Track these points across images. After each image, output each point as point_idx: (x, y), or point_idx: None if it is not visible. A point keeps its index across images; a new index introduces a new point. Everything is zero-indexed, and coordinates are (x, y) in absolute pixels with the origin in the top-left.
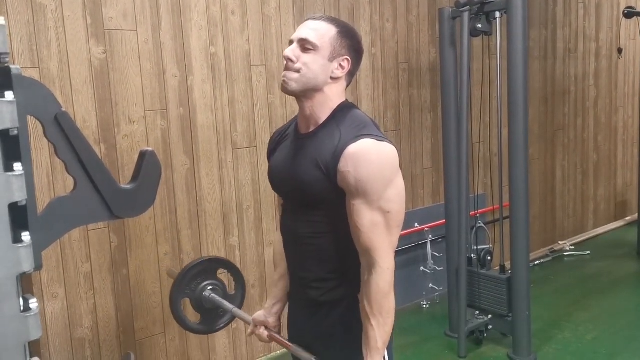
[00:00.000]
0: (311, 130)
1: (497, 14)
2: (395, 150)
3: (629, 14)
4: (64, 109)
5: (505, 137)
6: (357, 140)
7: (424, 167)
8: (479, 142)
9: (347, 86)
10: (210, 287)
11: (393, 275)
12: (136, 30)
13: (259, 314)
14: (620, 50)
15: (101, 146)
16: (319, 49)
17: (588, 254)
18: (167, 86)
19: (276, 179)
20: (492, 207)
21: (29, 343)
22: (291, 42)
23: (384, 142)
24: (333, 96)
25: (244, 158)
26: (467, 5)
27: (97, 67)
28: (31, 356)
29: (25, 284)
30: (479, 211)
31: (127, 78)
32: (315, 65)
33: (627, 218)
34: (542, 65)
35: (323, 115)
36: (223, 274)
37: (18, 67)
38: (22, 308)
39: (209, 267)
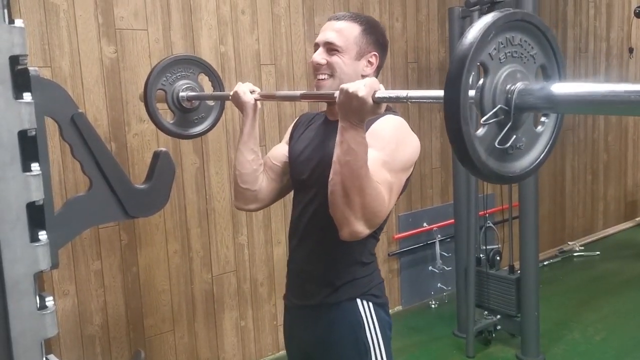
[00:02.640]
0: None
1: None
2: (419, 142)
3: None
4: (80, 110)
5: None
6: (392, 113)
7: (432, 167)
8: None
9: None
10: (186, 86)
11: (387, 204)
12: (147, 30)
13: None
14: (631, 50)
15: (112, 145)
16: (345, 51)
17: (598, 254)
18: None
19: (298, 161)
20: (501, 207)
21: (44, 341)
22: (317, 46)
23: (415, 135)
24: None
25: None
26: (477, 4)
27: (108, 66)
28: (47, 354)
29: (37, 282)
30: (488, 211)
31: (138, 77)
32: (345, 67)
33: (637, 219)
34: None
35: None
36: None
37: (36, 68)
38: (38, 306)
39: (191, 67)
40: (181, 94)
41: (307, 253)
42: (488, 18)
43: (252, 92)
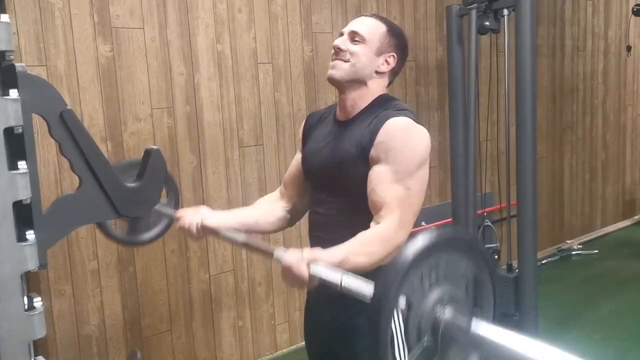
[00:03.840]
0: (350, 117)
1: (505, 12)
2: (429, 139)
3: (638, 11)
4: (69, 107)
5: (512, 135)
6: (398, 115)
7: (430, 166)
8: (487, 140)
9: (389, 84)
10: None
11: (399, 244)
12: (143, 28)
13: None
14: (629, 48)
15: (108, 144)
16: (368, 42)
17: (596, 253)
18: (173, 84)
19: (312, 163)
20: (499, 206)
21: (35, 341)
22: (341, 34)
23: (423, 128)
24: (375, 90)
25: (250, 156)
26: (475, 2)
27: (104, 65)
28: (36, 355)
29: (32, 282)
30: (486, 210)
31: (134, 76)
32: (364, 57)
33: (635, 217)
34: (550, 63)
35: (362, 104)
36: None
37: (23, 64)
38: (26, 307)
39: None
40: None
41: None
42: (412, 251)
43: (200, 224)
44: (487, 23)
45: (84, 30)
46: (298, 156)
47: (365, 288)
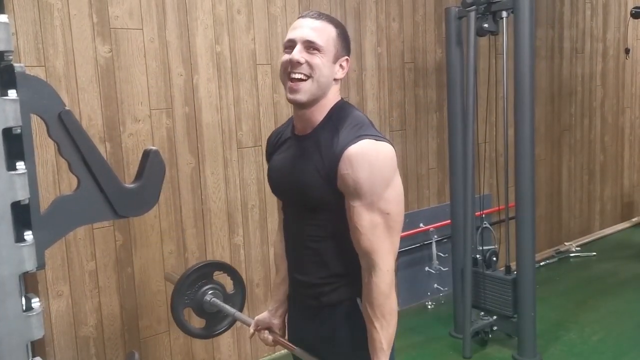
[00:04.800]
0: (308, 132)
1: (504, 14)
2: (393, 150)
3: (637, 14)
4: (67, 107)
5: (511, 137)
6: (356, 142)
7: (429, 167)
8: (485, 142)
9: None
10: (210, 292)
11: (393, 277)
12: (142, 29)
13: (263, 316)
14: (627, 51)
15: (106, 144)
16: (325, 51)
17: (594, 255)
18: (172, 85)
19: (276, 182)
20: (497, 208)
21: (32, 342)
22: (291, 43)
23: (382, 142)
24: (332, 99)
25: (249, 157)
26: (474, 4)
27: (102, 66)
28: (33, 355)
29: (30, 282)
30: (485, 211)
31: (133, 76)
32: (324, 69)
33: (633, 219)
34: (549, 65)
35: (320, 116)
36: (220, 276)
37: (22, 64)
38: (24, 307)
39: (206, 271)
40: (205, 298)
41: (298, 263)
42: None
43: (269, 327)
44: (486, 25)
45: (83, 30)
46: None
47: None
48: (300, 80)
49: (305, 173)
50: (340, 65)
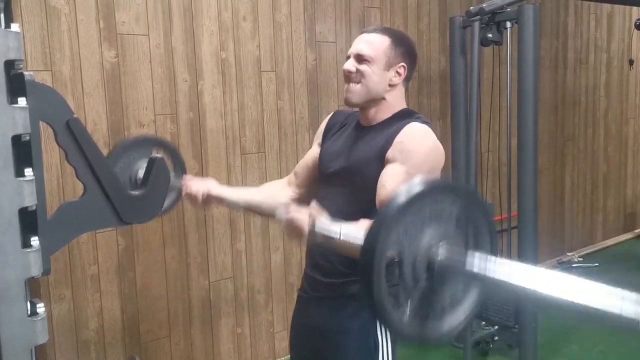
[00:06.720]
0: (373, 124)
1: (508, 24)
2: (443, 150)
3: None
4: (75, 115)
5: (514, 146)
6: (417, 122)
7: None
8: (488, 151)
9: (406, 90)
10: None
11: None
12: (148, 35)
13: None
14: (631, 62)
15: (111, 149)
16: (375, 60)
17: (596, 265)
18: (177, 90)
19: (328, 159)
20: (500, 217)
21: (35, 347)
22: (348, 57)
23: (439, 142)
24: (394, 102)
25: (252, 163)
26: (478, 14)
27: (108, 71)
28: None
29: (32, 286)
30: None
31: (138, 82)
32: (374, 76)
33: (636, 230)
34: (553, 75)
35: (384, 115)
36: None
37: (31, 73)
38: (29, 312)
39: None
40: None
41: (326, 250)
42: (394, 208)
43: (206, 193)
44: (490, 35)
45: (89, 36)
46: (315, 149)
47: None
48: (354, 85)
49: (364, 152)
50: (397, 72)
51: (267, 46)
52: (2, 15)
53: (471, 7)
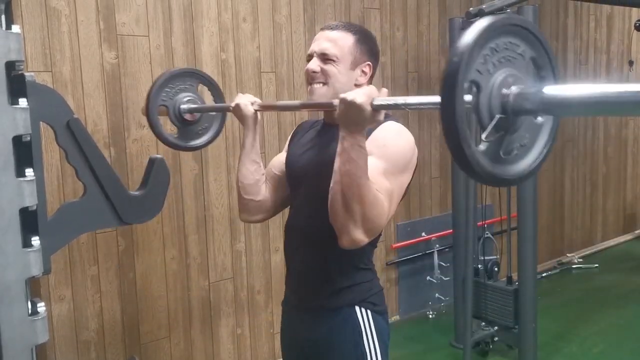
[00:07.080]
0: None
1: None
2: (416, 148)
3: None
4: (75, 116)
5: None
6: (392, 120)
7: (431, 177)
8: None
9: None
10: (188, 99)
11: (386, 213)
12: (148, 36)
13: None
14: (631, 63)
15: (111, 150)
16: (340, 60)
17: (596, 267)
18: None
19: (294, 164)
20: (499, 218)
21: (35, 346)
22: (310, 56)
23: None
24: None
25: None
26: (478, 15)
27: (108, 72)
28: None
29: (33, 286)
30: (487, 222)
31: (138, 83)
32: (340, 75)
33: (636, 231)
34: None
35: None
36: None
37: (32, 74)
38: (29, 312)
39: (189, 79)
40: (182, 106)
41: (305, 256)
42: (472, 33)
43: (252, 103)
44: None
45: (89, 37)
46: (280, 155)
47: (430, 98)
48: (318, 87)
49: (330, 148)
50: (362, 71)
51: (267, 47)
52: (3, 16)
53: (471, 8)
